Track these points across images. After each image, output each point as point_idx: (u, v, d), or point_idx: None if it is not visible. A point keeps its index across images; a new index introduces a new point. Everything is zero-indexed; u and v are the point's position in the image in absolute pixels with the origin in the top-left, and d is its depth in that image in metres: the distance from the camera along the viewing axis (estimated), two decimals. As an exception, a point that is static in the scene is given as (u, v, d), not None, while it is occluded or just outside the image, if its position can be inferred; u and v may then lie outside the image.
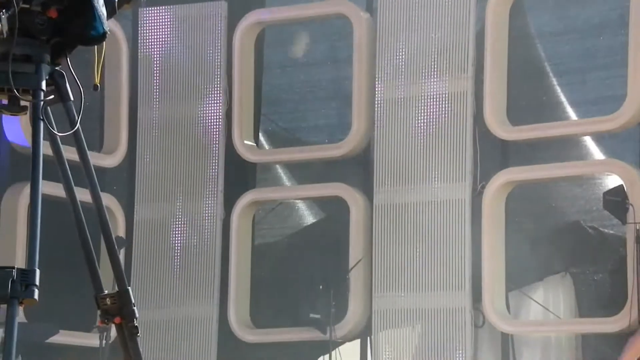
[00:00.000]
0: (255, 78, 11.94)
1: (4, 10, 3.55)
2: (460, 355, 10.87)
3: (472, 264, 10.87)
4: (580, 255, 11.20)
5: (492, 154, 11.10)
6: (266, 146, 12.13)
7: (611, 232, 10.69)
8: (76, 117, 3.77)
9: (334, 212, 11.83)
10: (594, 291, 11.12)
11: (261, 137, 12.09)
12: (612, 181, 10.68)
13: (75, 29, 3.78)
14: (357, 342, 11.54)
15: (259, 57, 11.99)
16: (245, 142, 11.71)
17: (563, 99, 11.34)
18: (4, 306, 3.68)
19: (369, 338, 11.36)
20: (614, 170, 10.70)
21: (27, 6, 3.63)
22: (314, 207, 12.39)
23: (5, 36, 3.58)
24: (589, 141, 11.26)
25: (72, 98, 3.77)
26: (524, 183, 11.08)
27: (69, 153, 3.88)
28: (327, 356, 11.22)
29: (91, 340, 9.86)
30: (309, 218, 12.45)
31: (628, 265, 10.16)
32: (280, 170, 12.33)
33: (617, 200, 10.30)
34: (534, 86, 11.35)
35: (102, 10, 3.77)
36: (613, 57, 10.72)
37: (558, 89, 11.39)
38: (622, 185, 10.36)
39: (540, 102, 11.33)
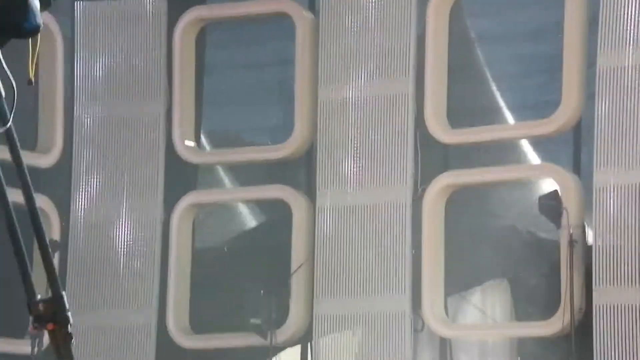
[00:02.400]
0: (197, 77, 11.96)
1: None
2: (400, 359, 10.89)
3: (413, 268, 10.94)
4: (516, 260, 11.30)
5: (433, 157, 11.20)
6: (207, 147, 12.13)
7: (546, 236, 10.87)
8: (8, 114, 3.74)
9: (276, 215, 11.90)
10: (529, 295, 11.24)
11: (203, 138, 12.06)
12: (548, 185, 10.80)
13: (8, 21, 3.75)
14: (298, 347, 11.62)
15: (200, 56, 11.97)
16: (186, 142, 11.74)
17: (502, 103, 11.37)
18: None
19: (309, 343, 11.45)
20: (550, 174, 10.90)
21: None
22: (256, 210, 12.38)
23: None
24: (526, 145, 11.35)
25: (3, 94, 3.74)
26: (463, 187, 11.17)
27: (0, 152, 3.95)
28: None
29: (23, 347, 9.86)
30: (251, 221, 12.44)
31: (562, 270, 10.32)
32: (222, 172, 12.36)
33: (551, 205, 10.46)
34: (474, 90, 11.45)
35: (36, 2, 3.77)
36: (550, 63, 10.90)
37: (497, 93, 11.41)
38: (557, 190, 10.50)
39: (480, 105, 11.42)
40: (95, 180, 11.85)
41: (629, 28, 10.57)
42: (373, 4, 11.42)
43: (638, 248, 10.36)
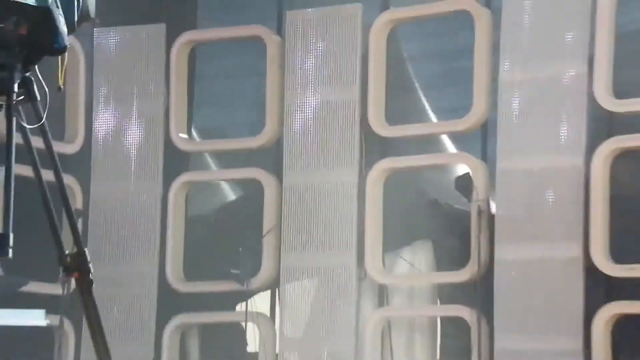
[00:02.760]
0: (189, 85, 11.91)
1: None
2: (347, 301, 10.99)
3: (358, 231, 11.00)
4: (437, 225, 11.39)
5: (374, 147, 11.23)
6: (197, 139, 12.17)
7: (460, 207, 10.99)
8: (42, 113, 3.77)
9: (251, 191, 11.86)
10: (447, 252, 11.35)
11: (194, 132, 12.11)
12: (462, 169, 10.95)
13: (42, 43, 3.79)
14: (268, 292, 11.66)
15: (191, 68, 11.94)
16: (180, 135, 11.77)
17: (427, 107, 11.58)
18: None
19: (277, 289, 11.48)
20: (464, 161, 10.98)
21: (2, 25, 3.62)
22: (235, 187, 12.49)
23: None
24: (445, 139, 11.54)
25: (39, 98, 3.79)
26: (397, 170, 11.23)
27: (37, 142, 3.94)
28: (244, 303, 11.25)
29: (55, 289, 9.83)
30: (231, 195, 12.56)
31: (472, 233, 10.45)
32: (209, 158, 12.41)
33: (465, 184, 10.64)
34: (405, 96, 11.54)
35: (63, 28, 3.78)
36: (464, 76, 10.83)
37: (424, 99, 11.60)
38: (469, 172, 10.66)
39: (410, 108, 11.54)
40: (109, 164, 11.80)
41: (524, 51, 10.61)
42: (328, 31, 11.36)
43: (528, 217, 10.37)
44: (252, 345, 11.45)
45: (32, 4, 3.68)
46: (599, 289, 10.13)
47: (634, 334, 10.08)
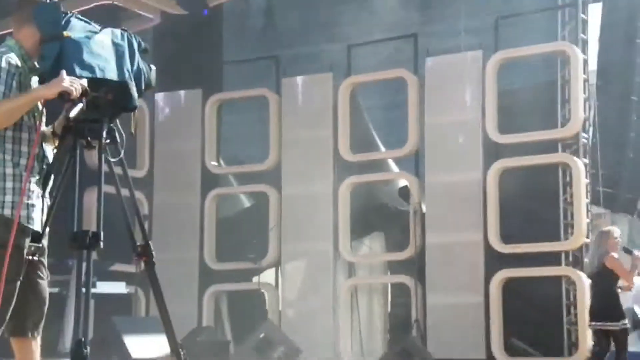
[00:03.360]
0: (217, 129, 11.91)
1: (84, 98, 3.40)
2: (327, 274, 10.98)
3: (333, 227, 10.95)
4: (387, 221, 11.47)
5: (344, 169, 11.13)
6: (223, 164, 12.03)
7: (403, 209, 10.87)
8: (121, 151, 3.62)
9: (261, 199, 11.68)
10: (394, 238, 11.27)
11: (221, 161, 12.00)
12: (402, 182, 10.97)
13: (121, 104, 3.60)
14: (273, 269, 11.55)
15: (219, 117, 11.93)
16: (212, 163, 11.82)
17: (378, 141, 11.68)
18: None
19: (279, 267, 11.39)
20: (404, 177, 11.04)
21: (96, 94, 3.48)
22: (250, 198, 12.41)
23: (84, 110, 3.41)
24: (391, 162, 11.60)
25: (119, 140, 3.62)
26: (361, 184, 11.10)
27: (117, 170, 3.73)
28: (257, 277, 11.30)
29: (131, 269, 9.87)
30: (247, 203, 12.48)
31: (410, 226, 10.46)
32: (231, 178, 12.35)
33: (405, 192, 10.62)
34: (364, 134, 11.50)
35: (135, 94, 3.59)
36: (404, 119, 10.84)
37: (376, 136, 11.69)
38: (407, 185, 10.70)
39: (367, 142, 11.50)
40: (165, 184, 11.76)
41: (440, 103, 10.66)
42: (310, 90, 11.35)
43: (447, 215, 10.37)
44: (263, 305, 11.29)
45: (115, 79, 3.53)
46: (494, 261, 10.18)
47: (518, 291, 10.10)
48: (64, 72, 3.41)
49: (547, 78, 10.56)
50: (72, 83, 3.38)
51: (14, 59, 3.53)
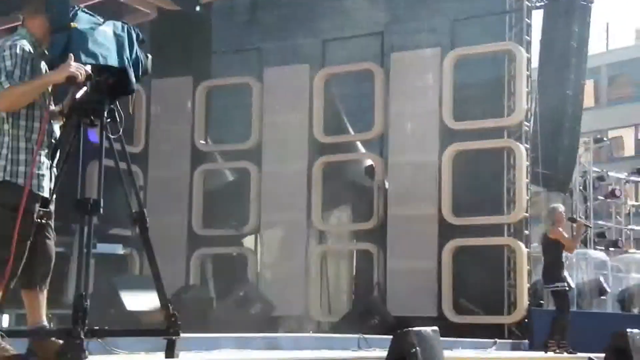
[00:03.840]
0: (206, 113, 11.69)
1: (88, 82, 3.46)
2: (300, 241, 10.90)
3: (307, 199, 10.87)
4: (355, 195, 11.42)
5: (317, 148, 11.00)
6: (210, 143, 11.86)
7: (368, 185, 10.77)
8: (120, 128, 3.63)
9: (243, 175, 11.49)
10: (360, 210, 11.20)
11: (209, 140, 11.82)
12: (368, 162, 10.86)
13: (121, 88, 3.64)
14: (253, 235, 11.45)
15: (208, 104, 11.73)
16: (201, 141, 11.66)
17: (348, 125, 11.47)
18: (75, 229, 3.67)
19: (259, 234, 11.31)
20: (370, 157, 10.98)
21: (99, 79, 3.50)
22: (234, 173, 12.08)
23: (88, 92, 3.47)
24: (359, 144, 11.43)
25: (118, 120, 3.63)
26: (331, 163, 10.95)
27: (117, 146, 3.75)
28: (238, 243, 11.34)
29: (127, 232, 9.68)
30: (231, 177, 12.17)
31: (374, 199, 10.49)
32: (217, 155, 12.08)
33: (370, 170, 10.63)
34: (335, 119, 11.32)
35: (133, 79, 3.64)
36: (371, 107, 10.77)
37: (346, 121, 11.52)
38: (372, 164, 10.68)
39: (338, 126, 11.33)
40: (158, 159, 11.57)
41: (405, 93, 10.68)
42: (290, 80, 11.27)
43: (407, 191, 10.40)
44: (244, 267, 11.11)
45: (116, 66, 3.59)
46: (447, 231, 10.21)
47: (466, 258, 10.12)
48: (71, 59, 3.50)
49: (496, 73, 10.57)
50: (78, 69, 3.48)
51: (27, 46, 3.62)
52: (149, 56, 3.79)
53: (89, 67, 3.50)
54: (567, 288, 7.80)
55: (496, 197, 10.08)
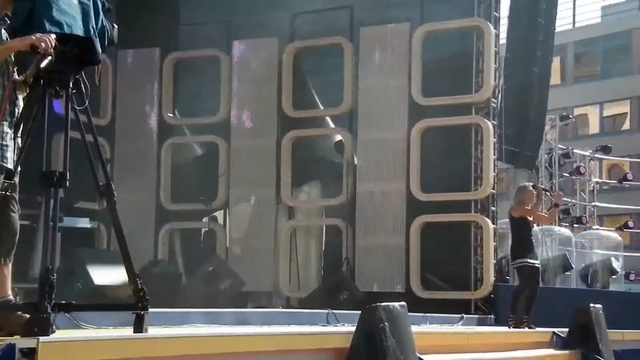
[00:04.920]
0: (174, 85, 11.61)
1: (53, 52, 3.37)
2: (269, 216, 10.87)
3: (276, 174, 10.84)
4: (324, 171, 11.33)
5: (286, 123, 10.98)
6: (178, 116, 11.73)
7: (338, 161, 10.82)
8: (86, 100, 3.57)
9: (212, 149, 11.43)
10: (329, 186, 11.15)
11: (177, 113, 11.70)
12: (338, 137, 10.87)
13: (86, 58, 3.58)
14: (222, 211, 11.47)
15: (175, 76, 11.62)
16: (168, 114, 11.57)
17: (317, 100, 11.43)
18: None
19: (227, 209, 11.31)
20: (339, 133, 10.97)
21: (64, 48, 3.44)
22: (202, 147, 11.99)
23: (53, 62, 3.39)
24: (329, 119, 11.47)
25: (84, 90, 3.55)
26: (301, 138, 10.95)
27: (82, 117, 3.66)
28: (207, 217, 11.39)
29: (94, 206, 9.70)
30: (199, 152, 12.09)
31: (343, 176, 10.52)
32: (185, 129, 11.98)
33: (339, 146, 10.65)
34: (305, 94, 11.25)
35: (99, 49, 3.59)
36: (341, 82, 10.74)
37: (315, 95, 11.44)
38: (342, 139, 10.69)
39: (307, 101, 11.24)
40: (126, 131, 11.47)
41: (372, 69, 10.70)
42: (258, 54, 11.26)
43: (376, 166, 10.44)
44: (213, 243, 11.06)
45: (81, 35, 3.52)
46: (415, 207, 10.30)
47: (433, 234, 10.22)
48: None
49: (464, 50, 10.60)
50: (43, 37, 3.38)
51: None
52: (115, 26, 3.76)
53: (53, 36, 3.42)
54: (531, 264, 7.80)
55: (463, 173, 10.15)
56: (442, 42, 10.78)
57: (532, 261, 7.80)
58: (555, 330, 6.94)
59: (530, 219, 7.95)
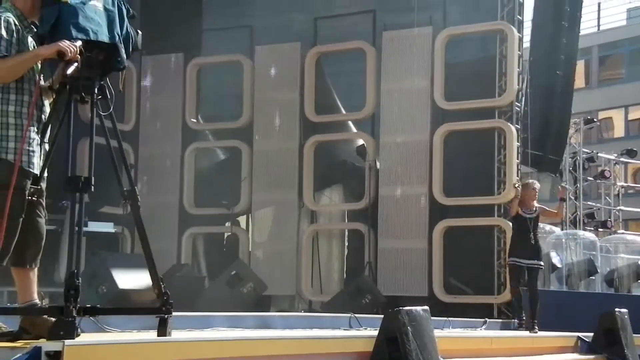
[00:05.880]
0: (197, 91, 11.68)
1: (79, 58, 3.39)
2: (292, 220, 10.90)
3: (298, 179, 10.84)
4: (345, 175, 11.46)
5: (309, 127, 11.02)
6: (201, 121, 11.83)
7: (359, 165, 10.90)
8: (110, 105, 3.58)
9: (234, 154, 11.50)
10: (351, 190, 11.27)
11: (200, 118, 11.80)
12: (359, 142, 10.98)
13: (111, 64, 3.58)
14: (245, 215, 11.56)
15: (198, 82, 11.65)
16: (192, 119, 11.64)
17: (340, 104, 11.58)
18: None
19: (250, 213, 11.39)
20: (361, 137, 11.08)
21: (90, 54, 3.45)
22: (225, 152, 12.18)
23: (79, 68, 3.41)
24: (351, 123, 11.50)
25: (109, 96, 3.56)
26: (323, 142, 11.00)
27: (107, 123, 3.67)
28: (230, 221, 11.31)
29: (119, 211, 8.92)
30: (222, 156, 12.30)
31: (365, 180, 10.49)
32: (208, 134, 12.14)
33: (362, 150, 10.73)
34: (327, 98, 11.35)
35: (124, 55, 3.60)
36: (360, 86, 10.82)
37: (338, 100, 11.62)
38: (364, 144, 10.77)
39: (330, 105, 11.36)
40: (149, 137, 11.55)
41: (395, 72, 10.67)
42: (281, 58, 11.28)
43: (398, 170, 10.46)
44: (236, 247, 11.15)
45: (106, 41, 3.54)
46: (437, 211, 10.32)
47: (456, 238, 10.21)
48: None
49: (487, 53, 10.61)
50: (70, 45, 3.41)
51: (12, 18, 3.52)
52: (139, 32, 3.75)
53: (79, 43, 3.44)
54: (519, 264, 7.58)
55: (486, 177, 10.19)
56: (465, 46, 10.78)
57: (521, 260, 7.59)
58: (580, 334, 6.86)
59: (529, 215, 7.71)
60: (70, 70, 3.42)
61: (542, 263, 7.83)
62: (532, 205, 7.83)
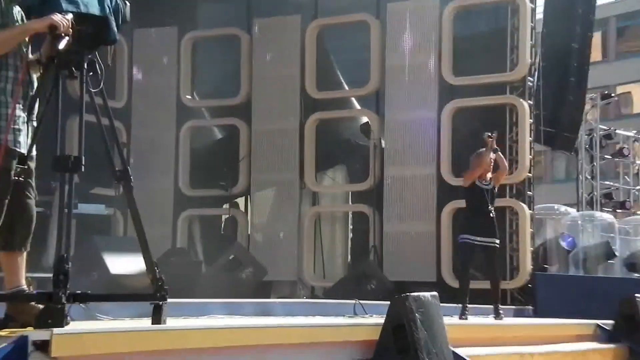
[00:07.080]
0: (192, 67, 11.64)
1: (71, 32, 3.37)
2: (293, 202, 10.93)
3: (299, 159, 10.87)
4: (349, 154, 11.48)
5: (310, 105, 11.01)
6: (197, 98, 11.77)
7: (363, 143, 10.89)
8: (101, 81, 3.57)
9: (232, 132, 11.50)
10: (355, 170, 11.31)
11: (195, 95, 11.76)
12: (363, 119, 10.96)
13: (101, 37, 3.60)
14: (244, 197, 11.52)
15: (193, 57, 11.62)
16: (187, 96, 11.59)
17: (342, 80, 11.58)
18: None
19: (249, 195, 11.37)
20: (365, 114, 11.03)
21: (80, 28, 3.44)
22: (222, 130, 12.14)
23: (70, 42, 3.40)
24: (354, 100, 11.52)
25: (99, 71, 3.55)
26: (325, 120, 11.01)
27: (98, 100, 3.67)
28: (228, 203, 11.32)
29: (110, 192, 9.47)
30: (219, 135, 12.24)
31: (370, 159, 10.49)
32: (204, 111, 12.11)
33: (366, 128, 10.68)
34: (329, 74, 11.36)
35: (115, 28, 3.61)
36: (367, 61, 10.78)
37: (340, 75, 11.61)
38: (368, 121, 10.74)
39: (332, 81, 11.40)
40: (142, 114, 11.47)
41: (400, 47, 10.65)
42: (280, 32, 11.22)
43: (404, 149, 10.46)
44: (234, 230, 11.16)
45: (97, 14, 3.55)
46: (445, 192, 10.25)
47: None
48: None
49: (498, 25, 10.52)
50: (62, 18, 3.40)
51: None
52: (127, 3, 3.74)
53: (70, 16, 3.44)
54: (468, 242, 7.01)
55: (498, 157, 10.08)
56: (475, 18, 10.80)
57: (475, 238, 6.95)
58: (599, 322, 6.79)
59: (486, 186, 7.08)
60: (62, 45, 3.40)
61: (498, 241, 7.19)
62: (487, 176, 7.23)
